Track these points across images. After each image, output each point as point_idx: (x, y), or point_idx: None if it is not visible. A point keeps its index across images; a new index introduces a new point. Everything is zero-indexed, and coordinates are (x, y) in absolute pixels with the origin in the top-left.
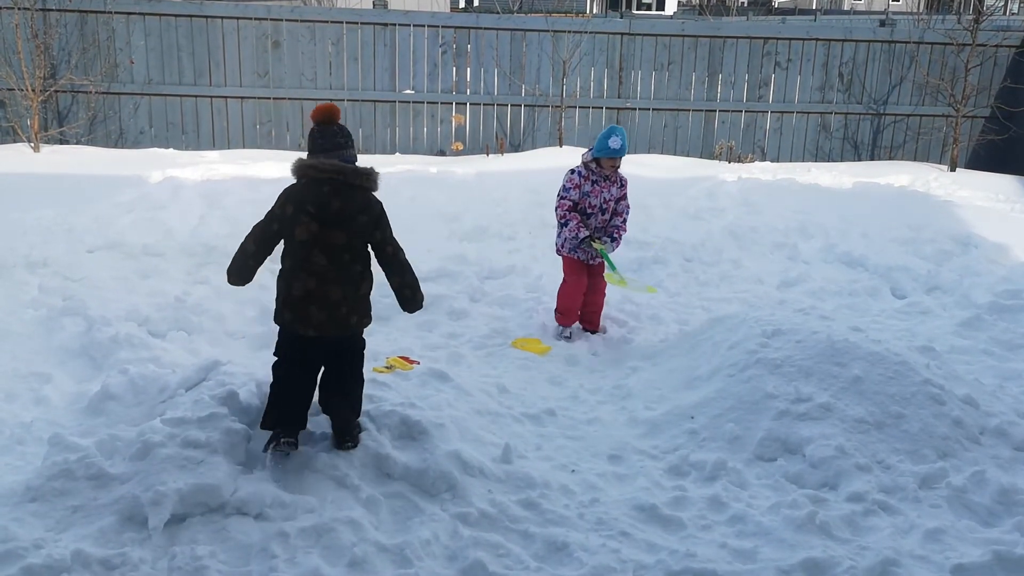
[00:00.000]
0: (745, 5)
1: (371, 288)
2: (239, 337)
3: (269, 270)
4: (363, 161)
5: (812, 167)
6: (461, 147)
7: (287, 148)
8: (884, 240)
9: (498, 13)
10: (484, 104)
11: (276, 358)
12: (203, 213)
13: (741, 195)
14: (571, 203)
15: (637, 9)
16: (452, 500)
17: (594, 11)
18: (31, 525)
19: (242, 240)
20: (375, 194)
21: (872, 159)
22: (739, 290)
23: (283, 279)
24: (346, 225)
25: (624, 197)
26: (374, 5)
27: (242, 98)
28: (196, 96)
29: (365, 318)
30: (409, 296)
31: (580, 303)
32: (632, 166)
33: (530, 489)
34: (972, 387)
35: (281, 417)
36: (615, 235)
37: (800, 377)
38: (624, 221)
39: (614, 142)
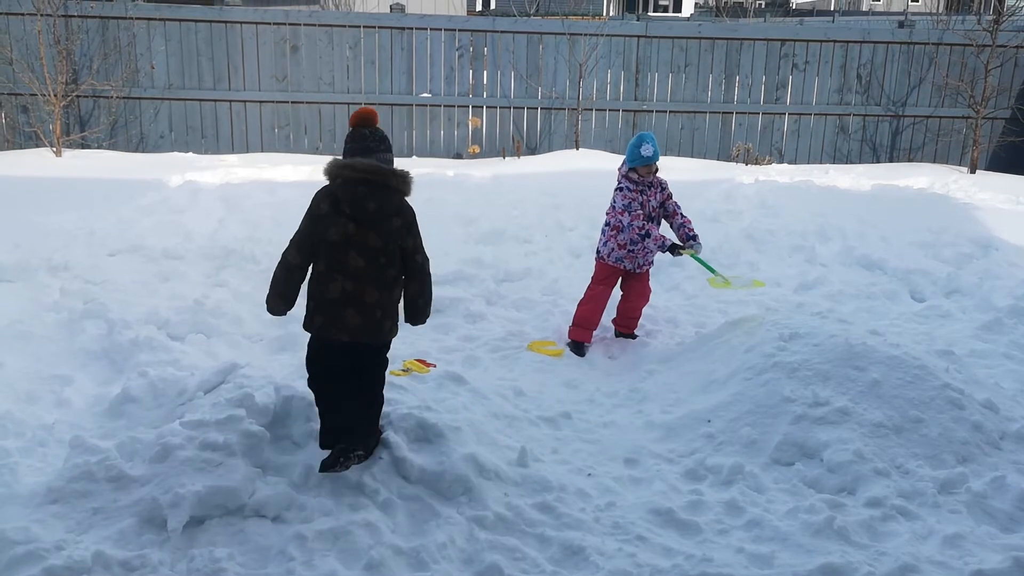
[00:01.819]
0: (762, 7)
1: (401, 295)
2: (257, 340)
3: None
4: None
5: (830, 169)
6: (478, 150)
7: (305, 151)
8: (903, 243)
9: (514, 16)
10: (500, 107)
11: (308, 375)
12: (222, 216)
13: (758, 197)
14: (640, 213)
15: (654, 11)
16: (468, 503)
17: (610, 13)
18: (52, 526)
19: (278, 264)
20: (408, 199)
21: (891, 161)
22: (756, 293)
23: (317, 282)
24: (381, 227)
25: (669, 197)
26: (391, 9)
27: (261, 102)
28: (215, 100)
29: (396, 326)
30: (421, 307)
31: (599, 318)
32: None
33: (546, 492)
34: (992, 391)
35: (333, 436)
36: (691, 233)
37: (818, 381)
38: (684, 217)
39: (646, 150)
